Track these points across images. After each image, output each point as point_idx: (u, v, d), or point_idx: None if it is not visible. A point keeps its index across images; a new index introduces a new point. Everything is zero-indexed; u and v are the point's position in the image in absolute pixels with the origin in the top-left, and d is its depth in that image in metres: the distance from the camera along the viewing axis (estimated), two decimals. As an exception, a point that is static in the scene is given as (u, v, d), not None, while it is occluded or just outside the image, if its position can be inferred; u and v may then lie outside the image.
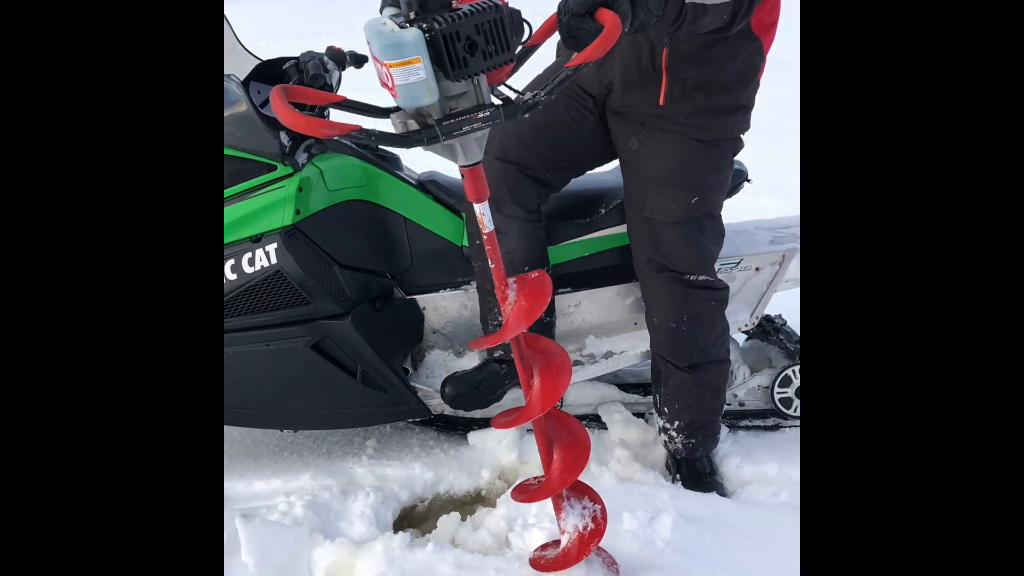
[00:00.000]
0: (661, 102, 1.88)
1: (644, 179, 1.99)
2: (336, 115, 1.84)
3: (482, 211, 1.50)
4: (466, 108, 1.36)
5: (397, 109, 1.40)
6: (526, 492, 1.72)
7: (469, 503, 2.23)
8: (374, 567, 1.78)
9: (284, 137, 2.03)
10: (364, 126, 1.32)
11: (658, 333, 2.10)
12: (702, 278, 2.04)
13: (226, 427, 2.41)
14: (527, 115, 1.39)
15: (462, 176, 1.47)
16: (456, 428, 2.46)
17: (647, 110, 1.92)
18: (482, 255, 2.12)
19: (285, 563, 1.81)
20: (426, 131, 1.35)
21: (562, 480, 1.64)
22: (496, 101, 1.40)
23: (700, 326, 2.05)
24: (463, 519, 2.07)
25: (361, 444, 2.39)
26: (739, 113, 1.95)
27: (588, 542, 1.65)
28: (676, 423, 2.15)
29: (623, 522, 1.87)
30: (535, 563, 1.73)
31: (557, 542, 1.73)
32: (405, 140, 1.37)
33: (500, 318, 2.11)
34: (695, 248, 2.01)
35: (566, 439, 1.68)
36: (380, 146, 2.34)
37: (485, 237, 1.52)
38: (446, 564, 1.79)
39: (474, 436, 2.36)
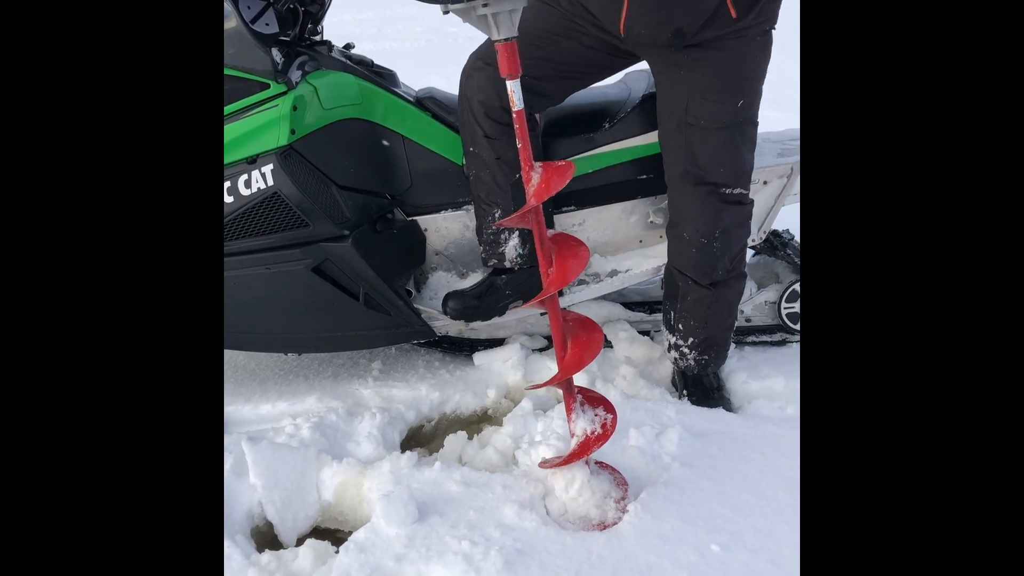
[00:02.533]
0: (734, 14, 1.81)
1: (686, 85, 1.90)
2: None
3: (513, 88, 1.50)
4: None
5: None
6: (541, 382, 1.75)
7: (476, 422, 2.24)
8: (382, 486, 1.79)
9: (276, 54, 1.97)
10: None
11: (686, 248, 2.03)
12: (737, 191, 1.98)
13: (230, 352, 2.41)
14: None
15: (496, 51, 1.48)
16: (461, 349, 2.45)
17: (723, 30, 1.84)
18: (476, 163, 2.08)
19: (293, 484, 1.83)
20: None
21: (575, 365, 1.66)
22: None
23: (729, 242, 2.01)
24: (470, 438, 2.08)
25: (367, 366, 2.39)
26: None
27: (592, 444, 1.66)
28: (690, 340, 2.12)
29: (630, 438, 1.87)
30: (543, 464, 1.76)
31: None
32: None
33: (494, 226, 2.09)
34: (735, 157, 1.95)
35: (579, 333, 1.70)
36: (376, 65, 2.28)
37: (514, 115, 1.52)
38: (453, 482, 1.80)
39: (479, 357, 2.36)
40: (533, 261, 2.15)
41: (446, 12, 1.43)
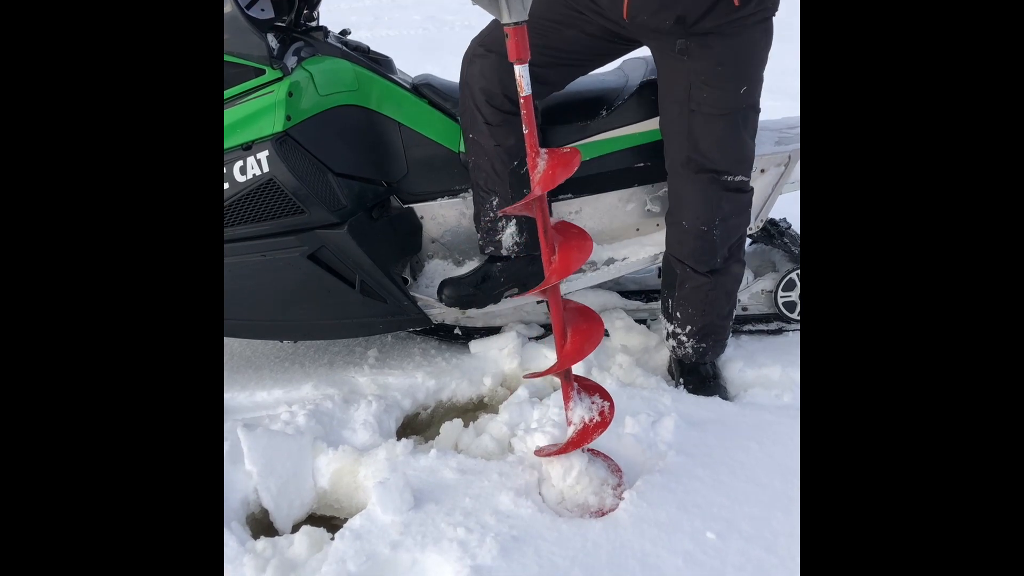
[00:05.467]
0: (736, 3, 1.79)
1: (688, 71, 1.90)
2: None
3: (521, 73, 1.49)
4: None
5: None
6: (538, 370, 1.74)
7: (471, 410, 2.24)
8: (377, 473, 1.79)
9: (272, 39, 1.95)
10: None
11: (685, 235, 2.03)
12: (738, 179, 1.98)
13: (226, 339, 2.40)
14: None
15: (505, 35, 1.47)
16: (457, 337, 2.45)
17: (725, 18, 1.82)
18: (475, 150, 2.07)
19: (289, 471, 1.83)
20: None
21: (575, 355, 1.66)
22: None
23: (728, 230, 2.01)
24: (465, 425, 2.08)
25: (363, 354, 2.38)
26: None
27: (591, 432, 1.66)
28: (688, 328, 2.12)
29: (625, 426, 1.87)
30: (539, 452, 1.76)
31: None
32: None
33: (492, 213, 2.08)
34: (738, 143, 1.94)
35: (580, 323, 1.69)
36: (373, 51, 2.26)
37: (522, 100, 1.51)
38: (449, 469, 1.80)
39: (475, 344, 2.36)
40: (530, 249, 2.14)
41: None
